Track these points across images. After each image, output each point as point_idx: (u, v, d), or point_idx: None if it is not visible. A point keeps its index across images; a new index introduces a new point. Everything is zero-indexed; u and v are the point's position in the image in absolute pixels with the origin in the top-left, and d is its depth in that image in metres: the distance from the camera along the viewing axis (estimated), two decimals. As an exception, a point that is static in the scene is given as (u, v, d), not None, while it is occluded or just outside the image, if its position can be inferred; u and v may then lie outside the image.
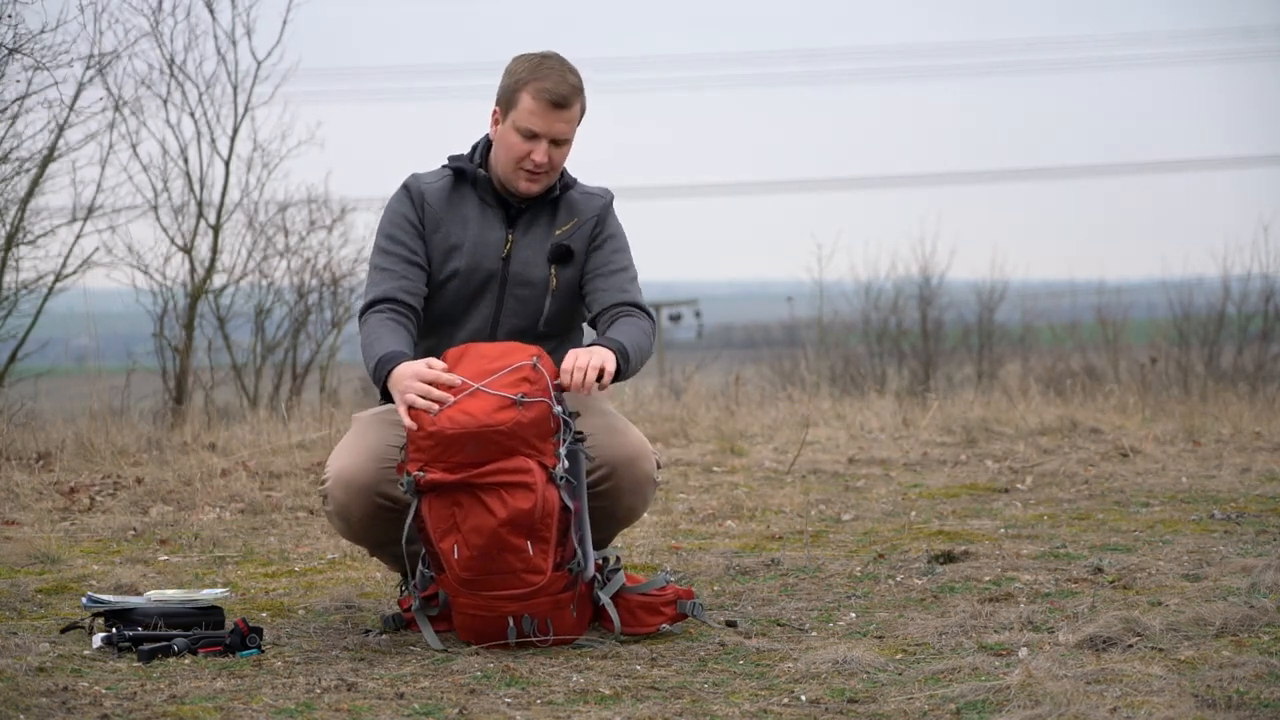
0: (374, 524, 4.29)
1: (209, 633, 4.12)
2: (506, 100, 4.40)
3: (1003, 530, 5.71)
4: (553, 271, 4.44)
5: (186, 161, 11.14)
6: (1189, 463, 7.36)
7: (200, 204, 11.17)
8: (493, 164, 4.45)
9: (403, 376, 4.12)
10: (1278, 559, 4.80)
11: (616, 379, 4.24)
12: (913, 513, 6.19)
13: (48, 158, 9.63)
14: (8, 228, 9.59)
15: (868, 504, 6.43)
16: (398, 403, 4.12)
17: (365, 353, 4.30)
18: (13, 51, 8.43)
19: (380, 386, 4.24)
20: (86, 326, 10.52)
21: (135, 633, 4.12)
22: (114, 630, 4.16)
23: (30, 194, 9.65)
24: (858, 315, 17.74)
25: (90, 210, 10.29)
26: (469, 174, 4.47)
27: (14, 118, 9.01)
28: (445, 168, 4.50)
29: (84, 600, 4.33)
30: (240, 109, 11.19)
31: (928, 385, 14.57)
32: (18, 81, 8.74)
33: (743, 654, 4.10)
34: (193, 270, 11.19)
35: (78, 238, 10.21)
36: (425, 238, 4.44)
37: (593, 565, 4.21)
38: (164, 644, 4.05)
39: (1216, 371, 15.20)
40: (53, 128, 9.58)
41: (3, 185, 9.42)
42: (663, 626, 4.30)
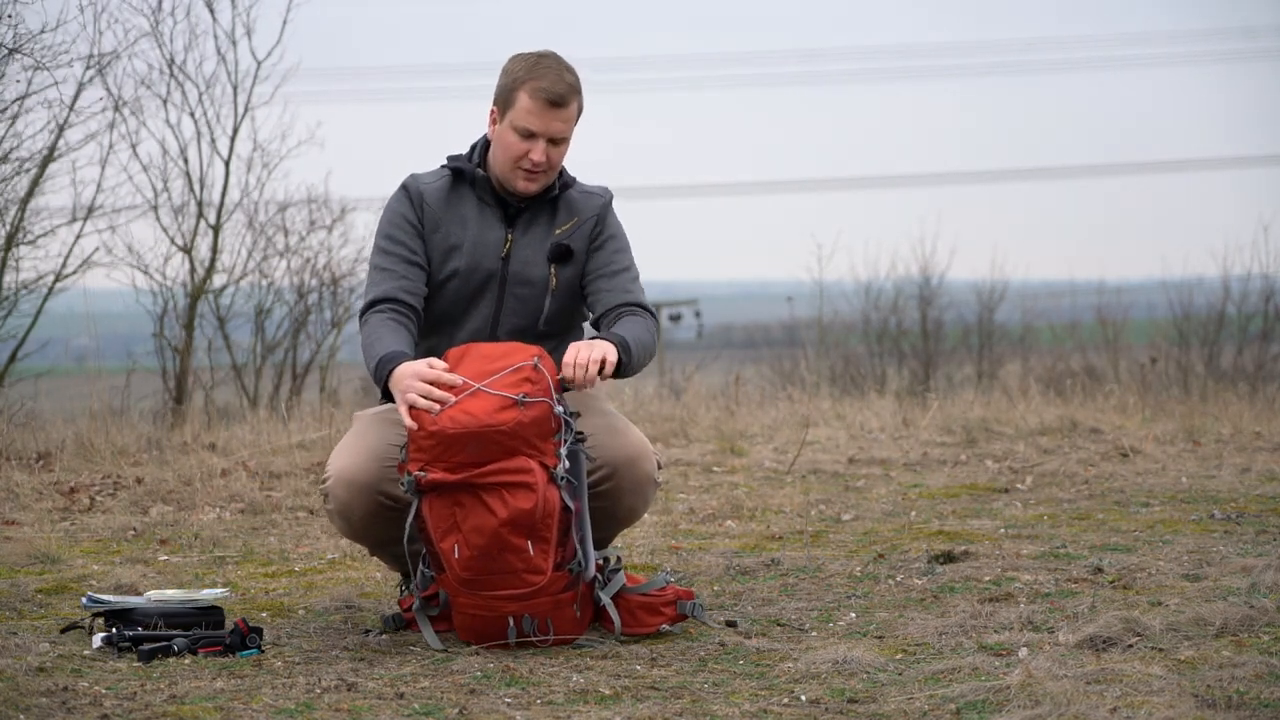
0: (375, 523, 4.29)
1: (209, 633, 4.12)
2: (504, 100, 4.40)
3: (1003, 530, 5.71)
4: (552, 271, 4.44)
5: (186, 161, 11.14)
6: (1189, 463, 7.36)
7: (200, 204, 11.18)
8: (491, 164, 4.45)
9: (404, 376, 4.12)
10: (1278, 559, 4.80)
11: (620, 373, 4.24)
12: (913, 513, 6.19)
13: (48, 158, 9.63)
14: (8, 228, 9.59)
15: (868, 504, 6.43)
16: (399, 402, 4.12)
17: (366, 353, 4.30)
18: (13, 51, 8.43)
19: (381, 386, 4.24)
20: (86, 326, 10.52)
21: (135, 633, 4.12)
22: (114, 630, 4.16)
23: (30, 194, 9.65)
24: (858, 315, 17.74)
25: (90, 210, 10.29)
26: (468, 174, 4.47)
27: (14, 118, 9.01)
28: (444, 168, 4.50)
29: (84, 600, 4.33)
30: (240, 109, 11.19)
31: (928, 385, 14.57)
32: (18, 81, 8.74)
33: (743, 654, 4.10)
34: (193, 270, 11.19)
35: (78, 238, 10.21)
36: (425, 237, 4.44)
37: (593, 565, 4.21)
38: (164, 644, 4.05)
39: (1216, 371, 15.20)
40: (53, 128, 9.59)
41: (3, 185, 9.42)
42: (663, 627, 4.30)
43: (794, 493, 6.67)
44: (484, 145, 4.49)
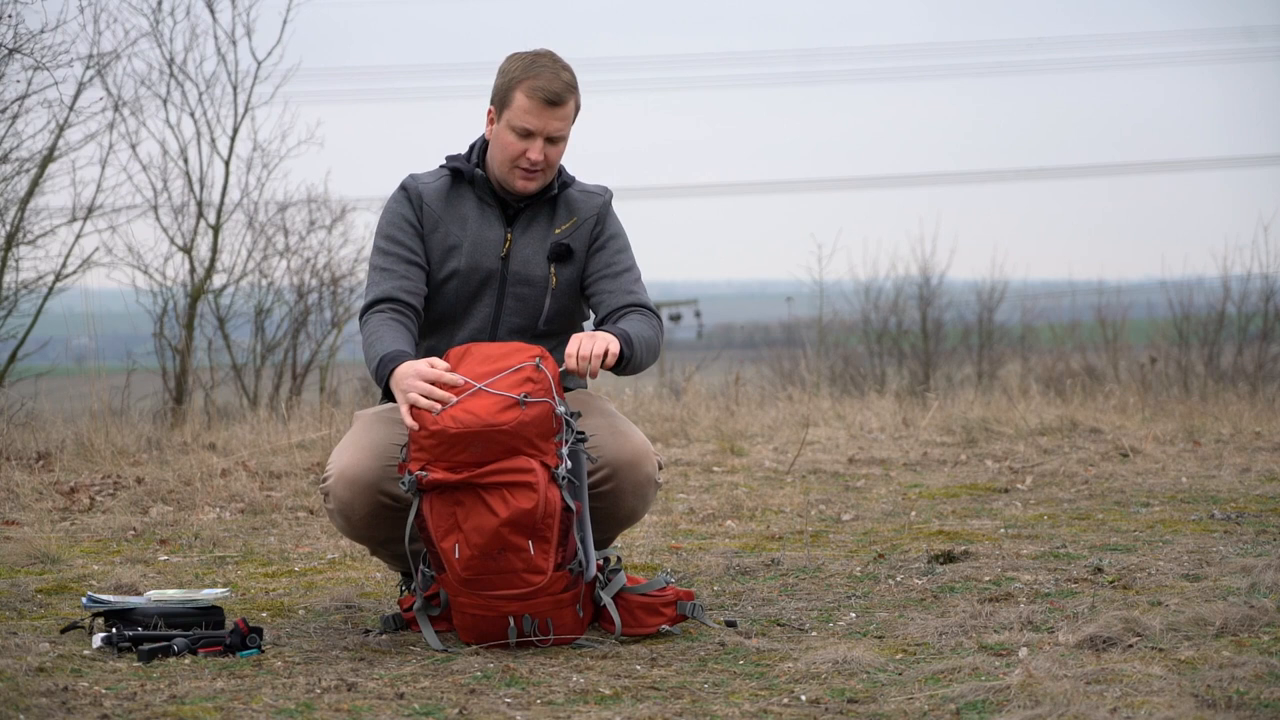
0: (375, 522, 4.28)
1: (209, 633, 4.12)
2: (500, 99, 4.40)
3: (1003, 530, 5.71)
4: (552, 270, 4.44)
5: (186, 161, 11.16)
6: (1189, 463, 7.36)
7: (200, 204, 11.19)
8: (489, 163, 4.45)
9: (405, 375, 4.12)
10: (1278, 559, 4.80)
11: (622, 366, 4.24)
12: (913, 513, 6.19)
13: (48, 158, 9.64)
14: (8, 228, 9.60)
15: (868, 504, 6.43)
16: (400, 402, 4.12)
17: (367, 352, 4.30)
18: (13, 51, 8.43)
19: (382, 385, 4.24)
20: (86, 326, 10.53)
21: (135, 633, 4.12)
22: (114, 630, 4.16)
23: (30, 194, 9.66)
24: (858, 315, 17.75)
25: (90, 210, 10.31)
26: (466, 174, 4.47)
27: (14, 118, 9.02)
28: (443, 168, 4.50)
29: (84, 600, 4.33)
30: (240, 109, 11.21)
31: (928, 385, 14.58)
32: (18, 81, 8.76)
33: (743, 654, 4.10)
34: (193, 270, 11.20)
35: (78, 238, 10.23)
36: (424, 237, 4.44)
37: (594, 566, 4.21)
38: (164, 644, 4.05)
39: (1216, 371, 15.20)
40: (53, 128, 9.60)
41: (3, 185, 9.43)
42: (662, 627, 4.29)
43: (794, 493, 6.67)
44: (482, 145, 4.49)
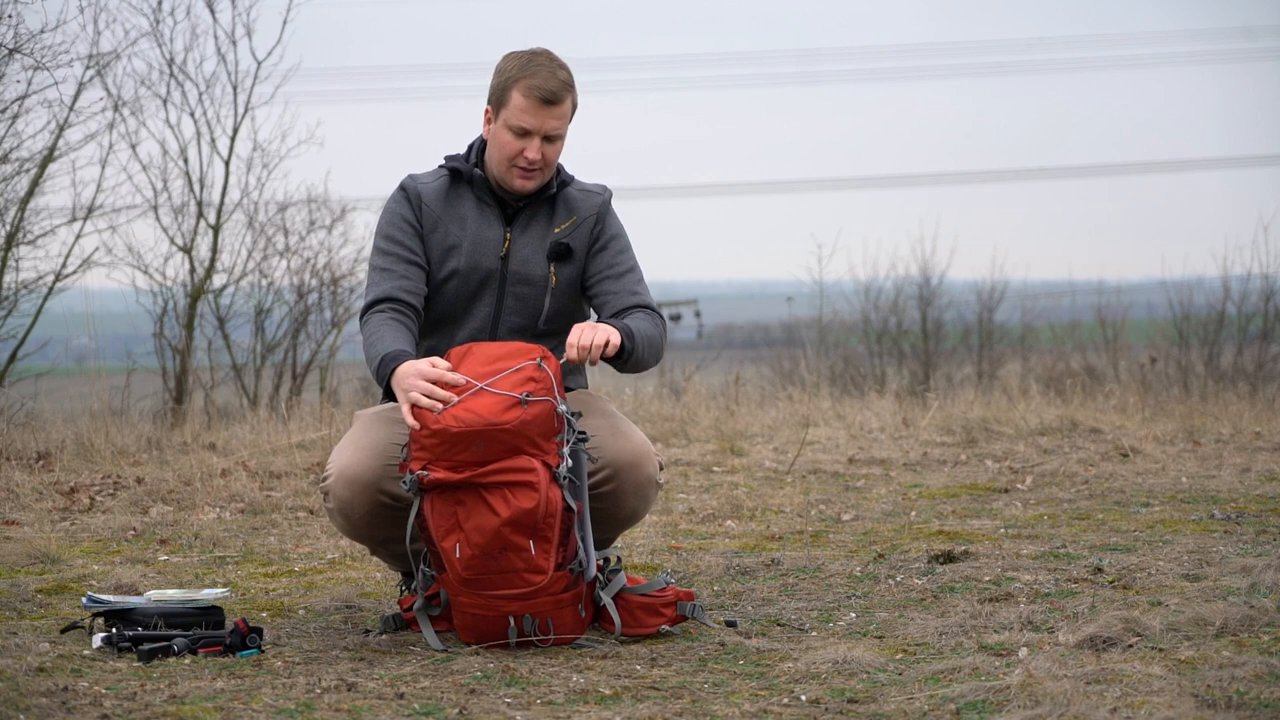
0: (376, 521, 4.28)
1: (209, 633, 4.12)
2: (498, 99, 4.40)
3: (1003, 530, 5.71)
4: (552, 269, 4.44)
5: (186, 161, 11.16)
6: (1189, 463, 7.36)
7: (200, 204, 11.19)
8: (488, 163, 4.45)
9: (406, 375, 4.12)
10: (1278, 559, 4.80)
11: (624, 361, 4.24)
12: (913, 513, 6.19)
13: (48, 158, 9.64)
14: (8, 228, 9.60)
15: (868, 504, 6.44)
16: (401, 401, 4.12)
17: (367, 352, 4.30)
18: (13, 51, 8.43)
19: (383, 385, 4.24)
20: (86, 326, 10.53)
21: (135, 633, 4.12)
22: (114, 630, 4.16)
23: (30, 194, 9.66)
24: (857, 315, 17.75)
25: (90, 210, 10.31)
26: (465, 173, 4.47)
27: (14, 118, 9.02)
28: (441, 168, 4.50)
29: (84, 600, 4.33)
30: (240, 109, 11.21)
31: (928, 385, 14.58)
32: (18, 81, 8.76)
33: (743, 654, 4.10)
34: (193, 270, 11.20)
35: (78, 238, 10.23)
36: (423, 237, 4.44)
37: (594, 566, 4.21)
38: (164, 644, 4.05)
39: (1216, 371, 15.20)
40: (53, 128, 9.61)
41: (3, 185, 9.44)
42: (662, 628, 4.29)
43: (794, 493, 6.67)
44: (480, 145, 4.50)
